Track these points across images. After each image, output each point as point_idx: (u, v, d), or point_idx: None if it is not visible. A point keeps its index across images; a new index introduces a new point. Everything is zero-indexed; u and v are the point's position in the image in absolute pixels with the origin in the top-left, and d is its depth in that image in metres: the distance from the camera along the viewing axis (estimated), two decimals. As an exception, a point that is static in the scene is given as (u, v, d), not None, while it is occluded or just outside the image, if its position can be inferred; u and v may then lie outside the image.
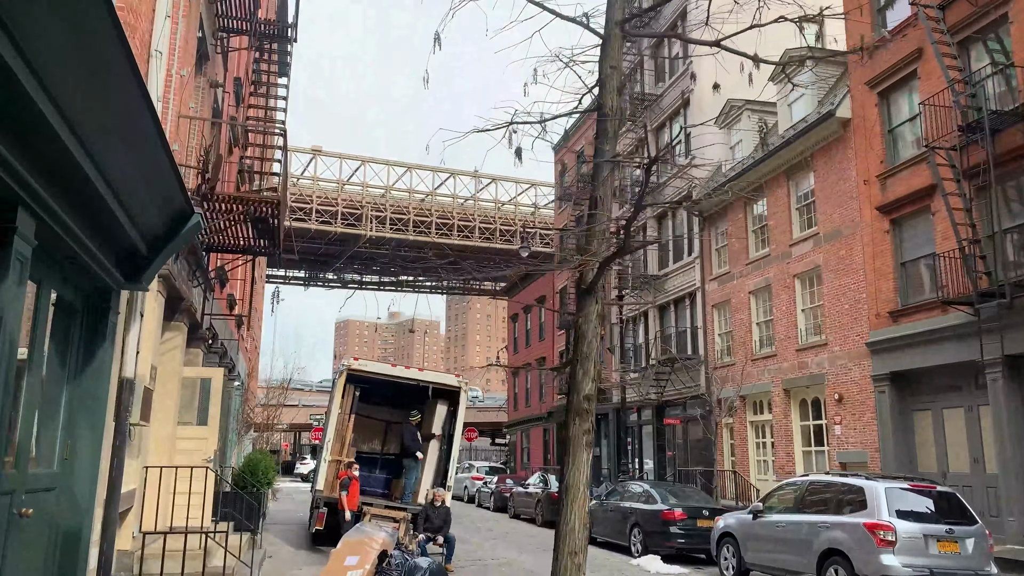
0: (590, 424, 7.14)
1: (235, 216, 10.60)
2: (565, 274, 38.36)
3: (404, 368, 15.85)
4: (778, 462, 21.49)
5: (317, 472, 15.25)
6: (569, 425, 7.21)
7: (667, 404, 27.95)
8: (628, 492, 17.08)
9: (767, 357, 22.08)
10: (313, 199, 67.98)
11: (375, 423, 18.11)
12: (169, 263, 9.82)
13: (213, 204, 9.92)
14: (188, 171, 9.87)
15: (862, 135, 18.89)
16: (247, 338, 26.39)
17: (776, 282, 22.01)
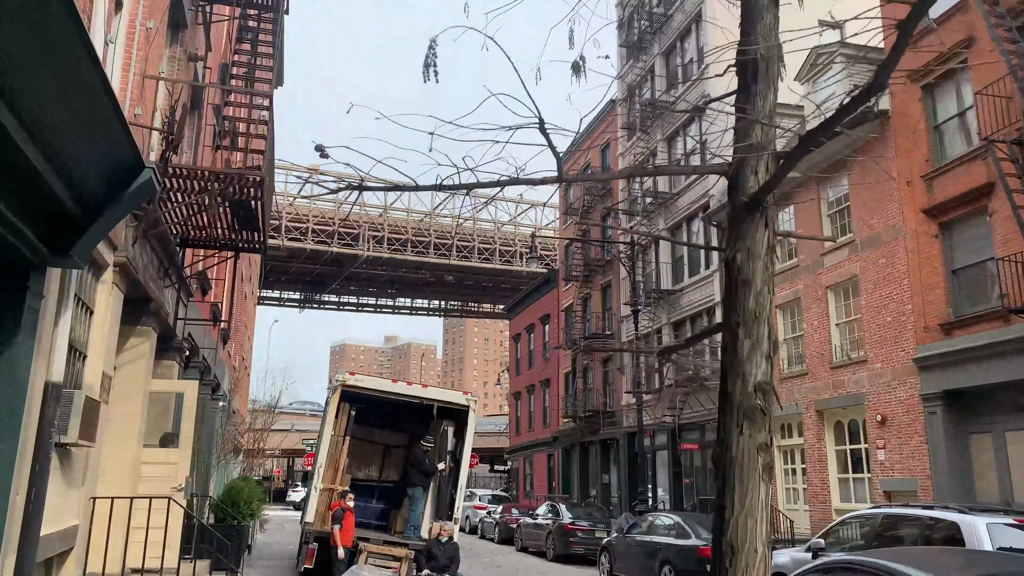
0: (766, 435, 4.84)
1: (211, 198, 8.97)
2: (571, 291, 36.77)
3: (405, 384, 14.16)
4: (811, 490, 19.73)
5: (307, 502, 13.49)
6: (729, 437, 4.84)
7: (683, 428, 26.21)
8: (655, 525, 15.29)
9: (797, 376, 20.40)
10: (309, 218, 66.65)
11: (372, 447, 16.36)
12: (130, 250, 8.16)
13: (182, 181, 8.30)
14: (152, 136, 8.26)
15: (904, 133, 17.40)
16: (235, 356, 24.67)
17: (806, 295, 20.40)
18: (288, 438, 54.59)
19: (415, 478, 14.40)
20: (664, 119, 29.10)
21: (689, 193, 27.04)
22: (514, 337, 46.60)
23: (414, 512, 14.33)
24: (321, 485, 13.40)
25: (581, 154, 37.73)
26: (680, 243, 28.01)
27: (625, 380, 30.61)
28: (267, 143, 8.88)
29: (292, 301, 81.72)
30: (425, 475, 14.27)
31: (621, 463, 30.69)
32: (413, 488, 14.43)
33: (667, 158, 29.13)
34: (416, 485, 14.39)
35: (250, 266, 29.12)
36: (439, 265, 70.09)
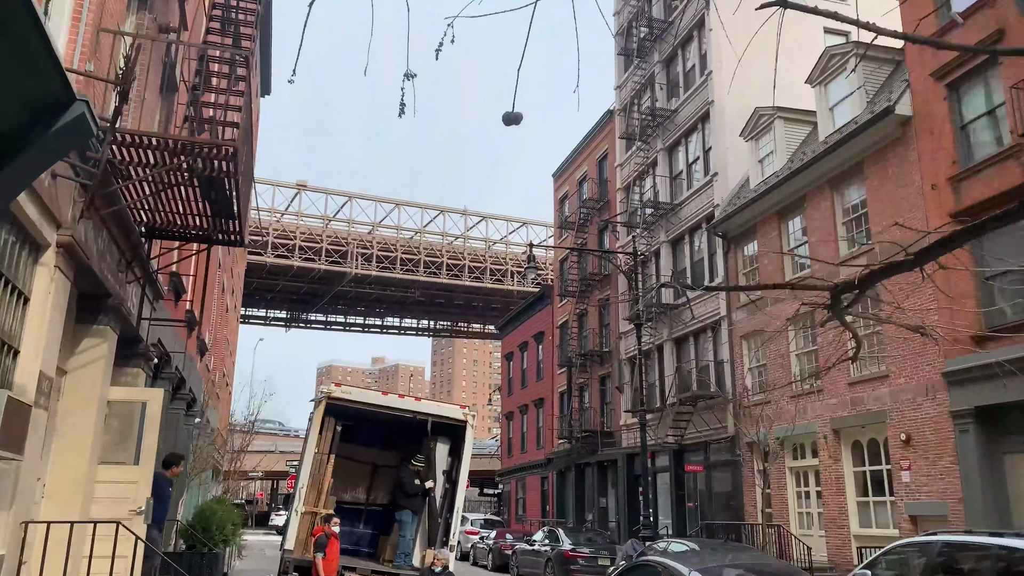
0: None
1: (177, 174, 7.77)
2: (566, 307, 35.62)
3: (397, 397, 12.89)
4: (828, 515, 18.51)
5: (287, 527, 12.16)
6: None
7: (687, 448, 24.99)
8: (671, 554, 13.98)
9: (811, 393, 19.26)
10: (297, 235, 65.38)
11: (360, 467, 15.05)
12: (78, 229, 6.95)
13: (141, 151, 7.10)
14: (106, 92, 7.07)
15: (927, 133, 16.43)
16: (214, 370, 23.32)
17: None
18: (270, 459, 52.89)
19: (404, 500, 13.15)
20: (665, 128, 28.15)
21: (692, 203, 26.03)
22: (506, 356, 45.33)
23: (404, 538, 13.05)
24: (303, 508, 12.09)
25: (577, 167, 36.77)
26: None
27: (624, 399, 29.41)
28: (243, 112, 7.71)
29: (278, 320, 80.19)
30: (413, 497, 13.02)
31: (620, 486, 29.38)
32: (402, 512, 13.17)
33: (667, 168, 28.16)
34: (405, 508, 13.12)
35: (232, 278, 27.84)
36: (429, 283, 68.91)
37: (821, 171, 19.46)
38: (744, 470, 22.05)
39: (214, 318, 21.76)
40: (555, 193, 39.53)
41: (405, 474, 13.35)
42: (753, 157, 23.11)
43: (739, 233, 23.10)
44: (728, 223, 23.22)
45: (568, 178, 37.69)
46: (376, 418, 13.42)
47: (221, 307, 23.80)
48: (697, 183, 26.17)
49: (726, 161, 24.63)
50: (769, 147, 22.55)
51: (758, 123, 22.85)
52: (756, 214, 22.12)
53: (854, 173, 18.60)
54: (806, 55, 25.66)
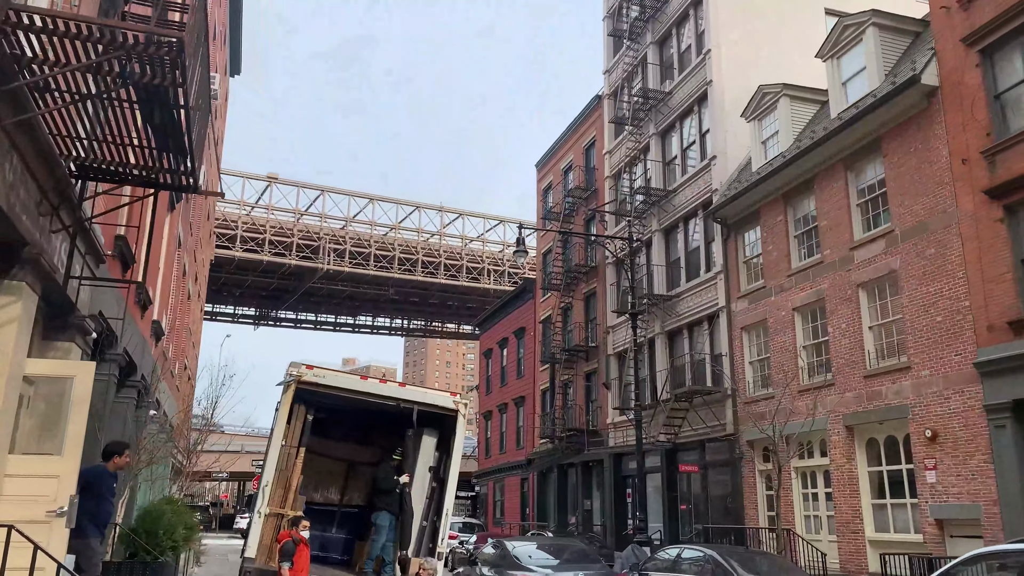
0: None
1: (108, 79, 6.09)
2: (549, 302, 34.13)
3: (378, 383, 11.25)
4: (840, 518, 17.15)
5: (248, 532, 10.47)
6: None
7: (680, 448, 23.58)
8: (682, 561, 12.50)
9: (821, 387, 17.90)
10: (267, 229, 63.27)
11: (333, 464, 13.41)
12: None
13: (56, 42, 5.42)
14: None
15: (956, 105, 15.15)
16: (173, 359, 21.43)
17: (832, 294, 17.99)
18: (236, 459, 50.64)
19: (380, 500, 11.54)
20: (658, 111, 26.77)
21: (688, 189, 24.66)
22: (484, 353, 43.71)
23: (375, 542, 11.43)
24: (267, 510, 10.41)
25: (562, 156, 35.31)
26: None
27: (611, 396, 27.95)
28: (196, 9, 6.05)
29: (246, 318, 77.75)
30: (390, 495, 11.42)
31: (606, 487, 27.90)
32: (378, 513, 11.54)
33: (660, 154, 26.79)
34: (381, 509, 11.51)
35: (196, 263, 25.93)
36: (403, 281, 67.08)
37: (834, 149, 18.15)
38: (744, 470, 20.67)
39: (173, 301, 19.91)
40: (538, 184, 38.04)
41: (382, 470, 11.75)
42: (756, 138, 21.78)
43: (740, 219, 21.74)
44: (728, 208, 21.85)
45: (552, 168, 36.22)
46: (353, 407, 11.81)
47: (182, 291, 21.94)
48: (692, 168, 24.81)
49: (725, 144, 23.30)
50: (773, 127, 21.22)
51: (761, 102, 21.52)
52: (759, 198, 20.78)
53: (871, 150, 17.30)
54: (807, 38, 24.53)
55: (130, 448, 7.95)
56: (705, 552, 12.07)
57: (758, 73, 23.42)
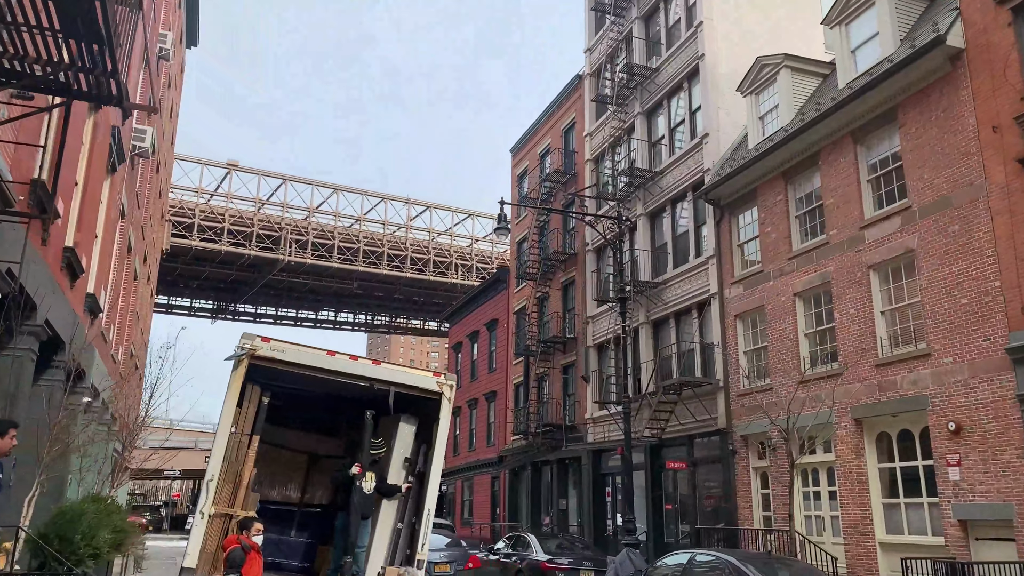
0: None
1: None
2: (524, 292, 32.56)
3: (348, 359, 9.50)
4: (848, 519, 15.83)
5: (190, 537, 8.69)
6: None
7: (666, 444, 22.15)
8: (695, 567, 10.96)
9: (826, 377, 16.54)
10: (226, 218, 60.77)
11: (293, 456, 11.64)
12: None
13: None
14: None
15: (985, 68, 13.89)
16: (117, 346, 19.39)
17: (840, 278, 16.67)
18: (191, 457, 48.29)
19: (344, 499, 9.85)
20: (644, 89, 25.34)
21: (677, 170, 23.24)
22: (454, 346, 41.97)
23: (336, 549, 9.75)
24: (212, 509, 8.64)
25: (539, 139, 33.74)
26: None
27: (590, 389, 26.46)
28: None
29: (203, 311, 74.95)
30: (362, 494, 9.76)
31: (584, 486, 26.38)
32: (345, 515, 9.85)
33: (645, 134, 25.36)
34: (343, 510, 9.83)
35: (144, 240, 23.83)
36: (368, 274, 64.99)
37: (842, 121, 16.83)
38: (738, 467, 19.30)
39: (115, 278, 17.90)
40: (513, 170, 36.43)
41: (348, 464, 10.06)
42: (752, 114, 20.43)
43: (734, 199, 20.38)
44: (721, 189, 20.48)
45: (528, 152, 34.64)
46: (318, 390, 10.09)
47: (126, 269, 19.88)
48: (681, 148, 23.41)
49: (718, 122, 21.94)
50: (772, 101, 19.89)
51: (759, 75, 20.18)
52: (756, 176, 19.43)
53: (885, 121, 16.00)
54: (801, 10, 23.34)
55: (16, 427, 6.12)
56: (721, 558, 10.55)
57: (752, 46, 22.15)
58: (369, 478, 9.89)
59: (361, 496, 9.72)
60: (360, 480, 9.75)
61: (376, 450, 9.85)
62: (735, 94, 21.88)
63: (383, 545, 9.61)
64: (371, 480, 9.87)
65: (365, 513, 9.82)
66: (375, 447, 9.97)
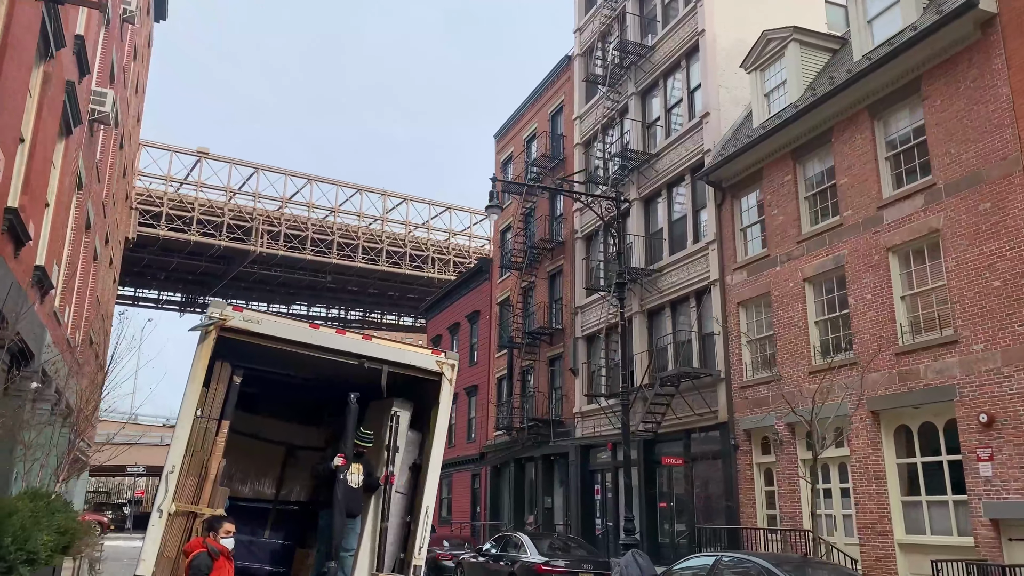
0: None
1: None
2: (508, 282, 31.34)
3: (335, 334, 8.22)
4: (864, 518, 14.81)
5: (145, 540, 7.34)
6: None
7: (661, 439, 21.05)
8: (724, 570, 9.79)
9: (838, 368, 15.49)
10: (196, 207, 58.83)
11: (268, 447, 10.31)
12: None
13: None
14: None
15: (1020, 34, 12.92)
16: (73, 332, 17.86)
17: (855, 261, 15.66)
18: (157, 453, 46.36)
19: (325, 494, 8.59)
20: (639, 68, 24.23)
21: (674, 152, 22.16)
22: (433, 340, 40.61)
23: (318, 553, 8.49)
24: (173, 507, 7.32)
25: (524, 124, 32.53)
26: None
27: (579, 383, 25.31)
28: None
29: (172, 303, 72.75)
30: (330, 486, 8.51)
31: (571, 483, 25.23)
32: (324, 512, 8.60)
33: (640, 116, 24.25)
34: (326, 507, 8.58)
35: (105, 219, 22.23)
36: (342, 267, 63.33)
37: (858, 95, 15.83)
38: (740, 463, 18.25)
39: (71, 254, 16.37)
40: (496, 156, 35.16)
41: (328, 456, 8.80)
42: (757, 91, 19.39)
43: (737, 181, 19.33)
44: (723, 170, 19.43)
45: (513, 138, 33.40)
46: (297, 370, 8.80)
47: (85, 246, 18.33)
48: (678, 130, 22.34)
49: (719, 100, 20.88)
50: (779, 77, 18.86)
51: (765, 50, 19.14)
52: (762, 156, 18.39)
53: (907, 93, 15.00)
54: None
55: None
56: (753, 562, 9.40)
57: (753, 21, 21.10)
58: (356, 470, 8.64)
59: (346, 491, 8.47)
60: (344, 473, 8.49)
61: (363, 441, 8.59)
62: (736, 72, 20.86)
63: (370, 548, 8.32)
64: (358, 473, 8.62)
65: (352, 511, 8.57)
66: (362, 437, 8.72)
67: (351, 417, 8.67)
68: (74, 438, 14.14)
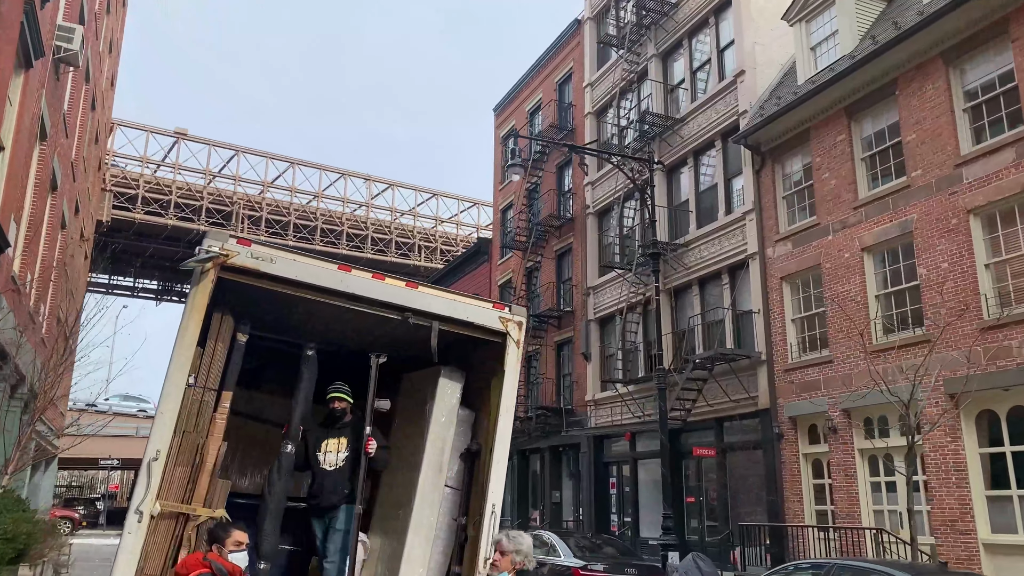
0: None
1: None
2: (510, 263, 29.43)
3: (370, 278, 6.27)
4: (941, 515, 13.10)
5: (117, 551, 5.37)
6: None
7: (688, 428, 19.28)
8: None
9: (907, 346, 13.76)
10: (173, 191, 56.37)
11: (270, 432, 8.30)
12: None
13: None
14: None
15: None
16: (36, 306, 15.73)
17: (926, 226, 13.93)
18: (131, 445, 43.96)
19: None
20: (660, 27, 22.38)
21: (702, 116, 20.35)
22: (425, 326, 38.58)
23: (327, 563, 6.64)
24: (158, 506, 5.36)
25: (527, 95, 30.58)
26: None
27: (592, 368, 23.49)
28: None
29: (147, 292, 70.06)
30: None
31: (583, 476, 23.42)
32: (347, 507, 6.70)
33: (661, 78, 22.41)
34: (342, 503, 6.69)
35: (75, 183, 20.02)
36: (326, 254, 61.01)
37: (931, 40, 14.08)
38: (784, 454, 16.52)
39: (33, 213, 14.22)
40: (496, 131, 33.18)
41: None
42: (802, 45, 17.62)
43: (780, 144, 17.57)
44: (763, 132, 17.66)
45: (516, 110, 31.44)
46: (316, 327, 6.85)
47: (49, 208, 16.18)
48: (704, 94, 20.53)
49: (755, 58, 19.09)
50: (829, 28, 17.09)
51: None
52: (810, 115, 16.64)
53: (992, 35, 13.27)
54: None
55: None
56: (882, 570, 7.60)
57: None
58: (334, 446, 6.78)
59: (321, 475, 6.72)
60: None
61: (340, 395, 6.80)
62: (772, 28, 19.10)
63: (421, 557, 6.39)
64: (337, 450, 6.75)
65: (329, 501, 6.75)
66: (338, 392, 6.90)
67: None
68: (30, 419, 12.06)
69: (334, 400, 7.04)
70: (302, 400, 6.93)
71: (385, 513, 7.10)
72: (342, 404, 7.04)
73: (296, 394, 6.92)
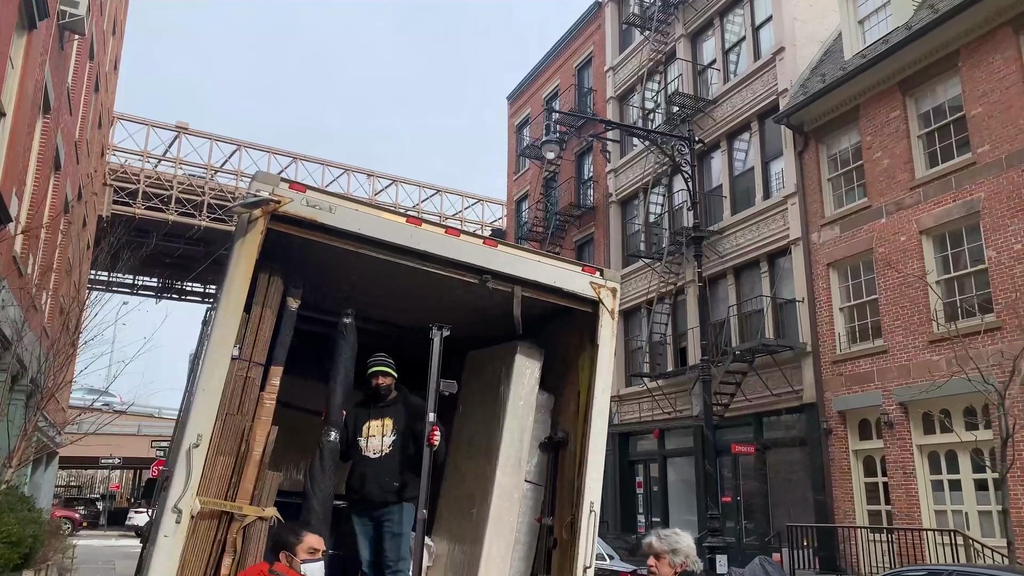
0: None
1: None
2: (527, 254, 28.27)
3: (444, 233, 5.30)
4: (1021, 514, 12.16)
5: (147, 561, 4.41)
6: None
7: (725, 424, 18.30)
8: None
9: (974, 334, 12.81)
10: (174, 185, 55.38)
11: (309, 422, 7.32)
12: None
13: None
14: None
15: None
16: (40, 291, 14.76)
17: (995, 206, 13.01)
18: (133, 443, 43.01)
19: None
20: (690, 6, 21.45)
21: (737, 97, 19.44)
22: (435, 321, 37.63)
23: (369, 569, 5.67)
24: (198, 503, 4.41)
25: (543, 82, 29.63)
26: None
27: (615, 363, 22.49)
28: None
29: (147, 289, 69.04)
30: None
31: (607, 475, 22.35)
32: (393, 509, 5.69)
33: (690, 59, 21.48)
34: (401, 501, 5.68)
35: (76, 161, 19.07)
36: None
37: (998, 6, 13.17)
38: (833, 451, 15.58)
39: (36, 188, 13.24)
40: (510, 119, 32.20)
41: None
42: (849, 18, 16.71)
43: (825, 123, 16.65)
44: (806, 111, 16.75)
45: (531, 97, 30.48)
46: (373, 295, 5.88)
47: (53, 184, 15.21)
48: (738, 74, 19.61)
49: (794, 35, 18.16)
50: (878, 0, 16.17)
51: (859, -31, 16.46)
52: (859, 91, 15.72)
53: (1070, -2, 12.37)
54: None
55: None
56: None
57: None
58: (377, 430, 5.79)
59: (363, 463, 5.67)
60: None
61: (383, 368, 5.75)
62: (811, 3, 18.23)
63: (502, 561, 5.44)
64: (381, 434, 5.74)
65: (379, 496, 5.68)
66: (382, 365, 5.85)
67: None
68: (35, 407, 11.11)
69: (377, 375, 5.95)
70: (342, 378, 5.86)
71: (451, 512, 6.14)
72: (387, 380, 5.94)
73: (334, 371, 5.85)
